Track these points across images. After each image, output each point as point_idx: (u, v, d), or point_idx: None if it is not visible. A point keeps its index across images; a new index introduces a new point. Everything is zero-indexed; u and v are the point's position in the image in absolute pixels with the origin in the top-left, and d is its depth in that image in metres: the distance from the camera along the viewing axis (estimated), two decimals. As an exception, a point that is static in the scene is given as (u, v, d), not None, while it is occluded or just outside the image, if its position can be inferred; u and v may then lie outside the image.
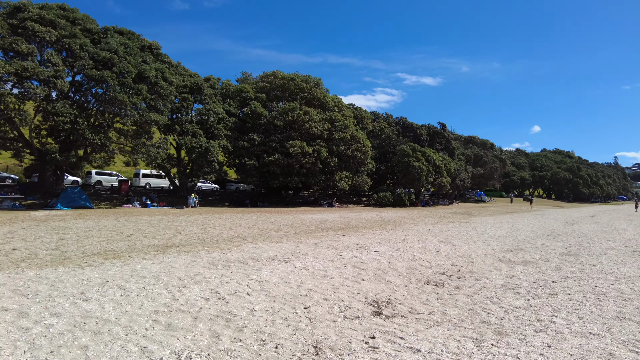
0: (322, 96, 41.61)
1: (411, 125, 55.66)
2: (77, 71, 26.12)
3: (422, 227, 18.88)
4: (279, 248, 11.27)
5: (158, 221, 17.82)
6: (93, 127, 26.15)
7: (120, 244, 11.39)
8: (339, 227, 17.86)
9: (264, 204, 38.43)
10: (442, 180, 46.81)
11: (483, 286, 7.79)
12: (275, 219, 21.18)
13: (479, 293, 7.29)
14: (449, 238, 14.69)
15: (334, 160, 38.29)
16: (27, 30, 24.85)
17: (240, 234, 14.13)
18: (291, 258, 9.58)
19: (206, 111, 35.25)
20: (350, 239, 13.46)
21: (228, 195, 43.50)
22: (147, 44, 32.66)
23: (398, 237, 14.36)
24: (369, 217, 25.19)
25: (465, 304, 6.59)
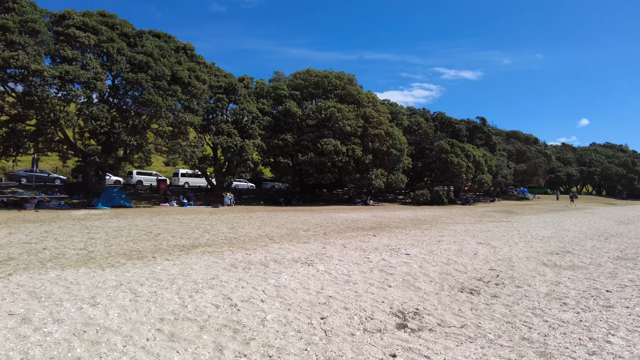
0: (356, 92, 40.86)
1: (449, 120, 53.80)
2: (115, 74, 26.80)
3: (459, 227, 17.86)
4: (304, 249, 10.79)
5: (189, 220, 17.83)
6: (130, 129, 26.73)
7: (146, 243, 11.30)
8: (370, 226, 17.18)
9: (297, 202, 38.21)
10: (482, 177, 44.90)
11: (524, 295, 6.96)
12: (306, 217, 20.77)
13: (520, 303, 6.48)
14: (488, 239, 13.70)
15: (369, 157, 37.49)
16: (69, 37, 25.72)
17: (268, 234, 13.78)
18: (315, 261, 9.07)
19: (240, 111, 35.42)
20: (380, 240, 12.79)
21: (263, 193, 43.65)
22: (182, 45, 33.15)
23: (432, 238, 13.53)
24: (403, 216, 24.30)
25: (503, 316, 5.83)
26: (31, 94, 23.02)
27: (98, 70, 25.27)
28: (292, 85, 41.21)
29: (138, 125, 26.85)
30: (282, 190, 49.64)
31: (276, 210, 28.25)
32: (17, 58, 22.38)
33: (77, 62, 24.97)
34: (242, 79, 39.63)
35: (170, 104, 27.35)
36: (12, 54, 22.38)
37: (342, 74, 42.04)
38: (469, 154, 44.18)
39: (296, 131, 37.85)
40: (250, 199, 40.19)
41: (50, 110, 23.72)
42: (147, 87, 26.29)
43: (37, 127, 24.47)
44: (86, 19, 27.72)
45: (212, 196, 36.91)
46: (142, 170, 43.91)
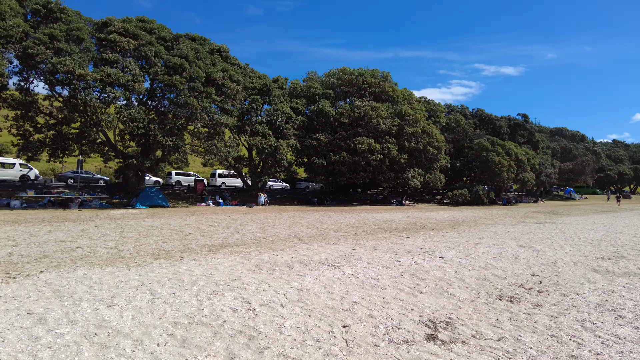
0: (391, 90, 40.03)
1: (489, 117, 51.79)
2: (152, 77, 27.44)
3: (499, 229, 16.90)
4: (332, 250, 10.41)
5: (222, 220, 17.87)
6: (166, 130, 27.29)
7: (176, 243, 11.28)
8: (404, 227, 16.56)
9: (331, 202, 37.88)
10: (524, 176, 42.85)
11: (572, 304, 6.26)
12: (337, 217, 20.37)
13: (566, 314, 5.81)
14: (531, 242, 12.79)
15: (404, 156, 36.60)
16: (110, 42, 26.59)
17: (298, 234, 13.50)
18: (342, 263, 8.66)
19: (274, 111, 35.51)
20: (414, 242, 12.21)
21: (297, 193, 43.63)
22: (216, 47, 33.60)
23: (470, 241, 12.78)
24: (440, 216, 23.41)
25: (547, 328, 5.20)
26: (75, 98, 23.91)
27: (136, 72, 25.95)
28: (325, 84, 40.92)
29: (174, 127, 27.35)
30: (315, 190, 49.50)
31: (308, 210, 28.02)
32: (64, 63, 23.31)
33: (117, 64, 25.76)
34: (276, 79, 39.74)
35: (205, 105, 27.69)
36: (59, 60, 23.34)
37: (377, 72, 41.32)
38: (510, 152, 42.29)
39: (329, 130, 37.53)
40: (284, 198, 40.25)
41: (92, 112, 24.57)
42: (182, 89, 26.76)
43: (80, 130, 25.42)
44: (126, 25, 28.57)
45: (247, 196, 37.24)
46: (180, 171, 45.07)
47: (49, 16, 27.00)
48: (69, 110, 24.78)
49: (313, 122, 38.16)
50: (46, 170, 41.40)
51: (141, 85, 26.07)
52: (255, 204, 34.17)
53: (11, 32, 23.61)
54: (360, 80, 39.49)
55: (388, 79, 42.00)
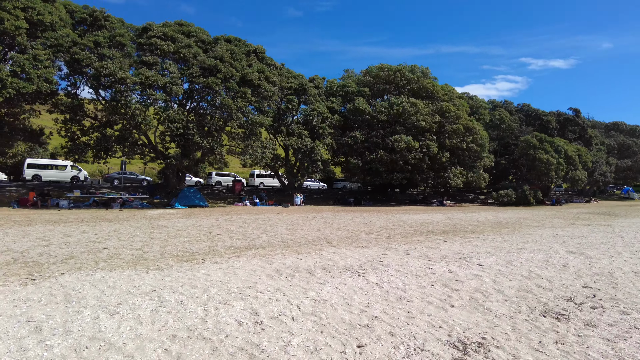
0: (431, 86, 38.59)
1: (536, 112, 48.93)
2: (189, 79, 27.81)
3: (547, 232, 15.56)
4: (360, 255, 9.78)
5: (254, 220, 17.63)
6: (203, 131, 27.57)
7: (202, 244, 11.05)
8: (442, 230, 15.60)
9: (368, 202, 37.05)
10: (575, 174, 40.05)
11: (634, 325, 5.31)
12: (372, 219, 19.63)
13: (628, 337, 4.89)
14: (582, 247, 11.54)
15: (445, 155, 35.17)
16: (151, 46, 27.22)
17: (327, 236, 12.95)
18: (368, 270, 8.01)
19: (310, 111, 35.19)
20: (451, 247, 11.32)
21: (334, 193, 43.07)
22: (252, 48, 33.68)
23: (513, 245, 11.71)
24: (483, 218, 22.10)
25: (604, 355, 4.36)
26: (116, 100, 24.59)
27: (174, 75, 26.38)
28: (362, 82, 40.09)
29: (211, 128, 27.58)
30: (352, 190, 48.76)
31: (344, 210, 27.40)
32: (106, 67, 24.04)
33: (156, 67, 26.31)
34: (313, 79, 39.39)
35: (241, 106, 27.73)
36: (102, 64, 24.10)
37: (415, 67, 40.02)
38: (560, 149, 39.65)
39: (366, 128, 36.71)
40: (320, 198, 39.84)
41: (132, 114, 25.19)
42: (217, 89, 26.93)
43: (121, 132, 26.16)
44: (165, 29, 29.17)
45: (284, 196, 37.14)
46: (220, 172, 45.74)
47: (94, 24, 28.03)
48: (110, 113, 25.54)
49: (349, 121, 37.47)
50: (94, 172, 43.27)
51: (179, 87, 26.45)
52: (291, 204, 33.99)
53: (61, 41, 24.66)
54: (398, 76, 38.37)
55: (427, 74, 40.57)
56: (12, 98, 23.86)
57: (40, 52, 23.52)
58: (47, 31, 25.14)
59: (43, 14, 24.83)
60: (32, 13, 24.22)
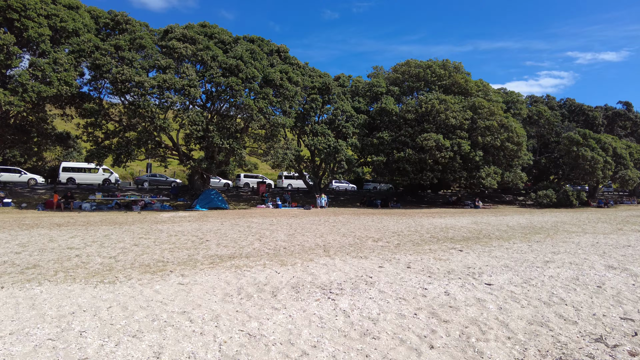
0: (464, 81, 36.18)
1: (581, 107, 45.03)
2: (208, 80, 27.21)
3: (585, 239, 13.41)
4: (352, 268, 8.35)
5: (260, 224, 16.49)
6: (223, 133, 26.88)
7: (183, 253, 10.00)
8: (463, 237, 13.80)
9: (395, 204, 35.17)
10: (625, 173, 36.26)
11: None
12: (389, 222, 17.99)
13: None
14: (627, 260, 9.51)
15: (478, 153, 32.74)
16: (169, 49, 26.89)
17: (327, 244, 11.57)
18: (345, 290, 6.57)
19: (335, 110, 33.85)
20: (464, 258, 9.63)
21: (362, 195, 41.44)
22: (275, 48, 32.77)
23: (540, 257, 9.84)
24: (515, 222, 19.91)
25: None
26: (135, 104, 24.32)
27: (192, 77, 25.84)
28: (390, 80, 38.25)
29: (231, 128, 26.84)
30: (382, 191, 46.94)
31: (366, 213, 25.81)
32: (123, 72, 23.82)
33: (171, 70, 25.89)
34: (338, 77, 38.04)
35: (262, 106, 26.82)
36: (118, 69, 23.92)
37: (447, 62, 37.68)
38: (607, 147, 36.01)
39: (394, 128, 34.90)
40: (347, 200, 38.37)
41: (150, 117, 24.84)
42: (238, 90, 26.16)
43: (140, 135, 25.91)
44: (185, 31, 28.78)
45: (310, 197, 36.01)
46: (249, 174, 45.21)
47: (116, 28, 28.08)
48: (129, 117, 25.32)
49: (376, 122, 35.80)
50: (126, 175, 43.95)
51: (197, 89, 25.86)
52: (315, 205, 32.78)
53: (83, 46, 24.74)
54: (428, 72, 36.25)
55: (460, 69, 38.12)
56: (35, 102, 24.18)
57: (61, 55, 23.67)
58: (71, 37, 25.36)
59: (66, 20, 25.01)
60: (55, 20, 24.43)
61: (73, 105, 26.63)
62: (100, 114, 25.73)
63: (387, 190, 46.73)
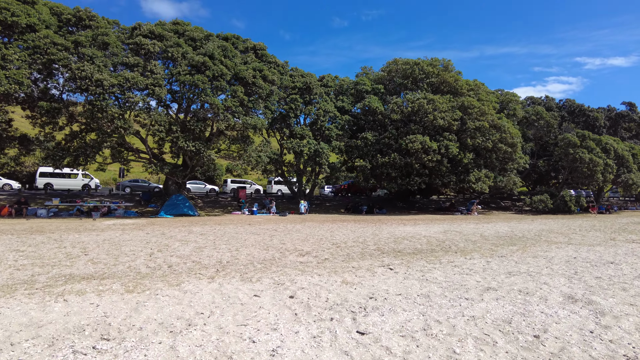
0: (453, 80, 33.73)
1: (581, 108, 42.09)
2: (176, 78, 25.24)
3: (563, 253, 10.89)
4: (210, 298, 6.07)
5: (197, 233, 14.26)
6: (188, 134, 24.84)
7: (54, 270, 7.80)
8: (415, 250, 11.36)
9: (380, 210, 32.72)
10: (629, 177, 33.30)
11: None
12: (348, 231, 15.56)
13: None
14: (598, 287, 6.89)
15: (468, 156, 30.18)
16: (135, 45, 25.04)
17: (232, 260, 9.26)
18: (125, 342, 4.32)
19: (316, 111, 31.62)
20: (383, 281, 7.21)
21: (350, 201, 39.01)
22: (251, 45, 30.76)
23: (484, 281, 7.37)
24: (494, 230, 17.36)
25: None
26: (93, 103, 22.41)
27: (157, 75, 23.88)
28: (377, 79, 35.97)
29: (195, 130, 24.76)
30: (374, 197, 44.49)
31: (341, 220, 23.49)
32: (83, 69, 21.99)
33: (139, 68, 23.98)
34: (322, 77, 35.89)
35: (230, 105, 24.74)
36: (78, 65, 22.10)
37: (436, 60, 35.27)
38: (608, 149, 33.12)
39: (379, 129, 32.57)
40: (332, 206, 36.00)
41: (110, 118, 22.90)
42: (203, 88, 24.15)
43: (99, 136, 23.98)
44: (153, 28, 26.95)
45: (293, 203, 33.76)
46: (236, 179, 43.21)
47: (78, 24, 26.31)
48: (88, 117, 23.38)
49: (360, 122, 33.51)
50: (108, 180, 42.18)
51: (162, 89, 23.88)
52: (296, 211, 30.54)
53: (38, 42, 22.98)
54: (415, 70, 33.89)
55: (449, 67, 35.70)
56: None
57: (9, 52, 21.91)
58: (25, 34, 23.62)
59: (19, 15, 23.25)
60: (5, 14, 22.69)
61: (30, 105, 24.80)
62: (57, 113, 23.89)
63: (383, 195, 44.23)
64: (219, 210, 30.60)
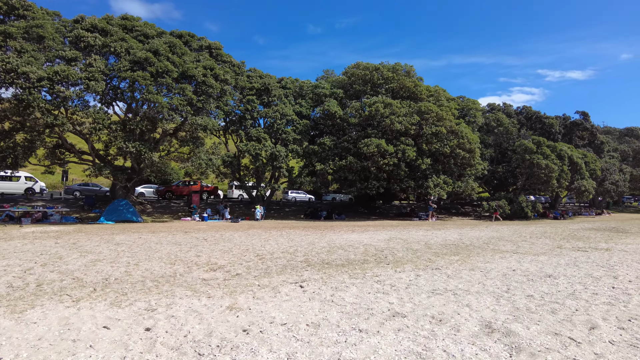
0: (412, 85, 33.13)
1: (537, 115, 42.48)
2: (117, 74, 23.35)
3: (504, 264, 9.90)
4: (67, 321, 4.68)
5: (134, 242, 12.58)
6: (130, 134, 22.99)
7: None
8: (346, 261, 10.12)
9: (340, 216, 31.62)
10: (582, 183, 33.52)
11: None
12: (285, 240, 14.22)
13: None
14: (524, 310, 5.84)
15: (426, 161, 29.49)
16: (75, 38, 23.08)
17: (119, 278, 7.81)
18: None
19: (273, 113, 30.26)
20: (262, 306, 6.01)
21: (311, 206, 37.79)
22: (206, 44, 29.12)
23: (401, 302, 6.26)
24: (442, 238, 16.45)
25: None
26: (19, 98, 20.27)
27: (93, 69, 21.96)
28: (338, 83, 35.00)
29: (136, 130, 22.94)
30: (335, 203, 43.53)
31: (292, 226, 22.17)
32: (7, 61, 19.87)
33: (76, 62, 22.01)
34: (281, 79, 34.61)
35: (175, 104, 23.08)
36: (2, 57, 19.97)
37: (398, 66, 34.62)
38: (563, 155, 33.25)
39: (337, 133, 31.55)
40: (291, 212, 34.67)
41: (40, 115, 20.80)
42: (144, 84, 22.40)
43: (29, 135, 21.83)
44: (97, 21, 25.02)
45: (251, 208, 32.20)
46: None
47: (10, 13, 24.04)
48: (13, 114, 21.20)
49: (319, 125, 32.41)
50: (56, 183, 39.36)
51: (99, 83, 21.95)
52: (252, 217, 29.03)
53: (-42, 32, 20.71)
54: (375, 75, 33.14)
55: (411, 73, 35.14)
56: None
57: None
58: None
59: None
60: None
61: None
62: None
63: (349, 201, 43.18)
64: (169, 216, 28.70)
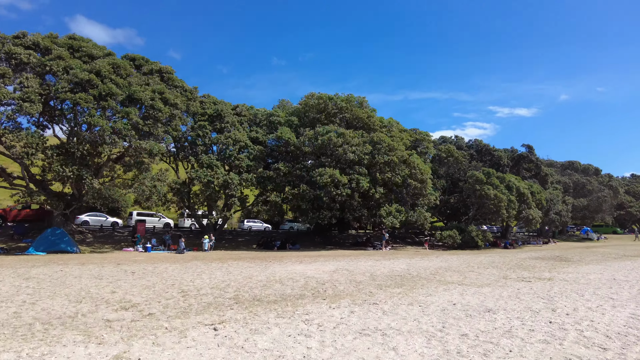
0: (365, 116, 33.56)
1: (487, 147, 44.21)
2: (55, 95, 21.91)
3: (446, 297, 9.49)
4: None
5: (52, 275, 11.12)
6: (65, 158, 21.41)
7: None
8: (279, 297, 9.33)
9: (294, 245, 30.71)
10: (529, 213, 34.67)
11: None
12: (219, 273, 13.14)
13: None
14: (454, 353, 5.50)
15: (379, 190, 29.46)
16: (6, 54, 21.60)
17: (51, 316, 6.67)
18: None
19: (225, 139, 29.40)
20: (171, 356, 5.20)
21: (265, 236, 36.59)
22: (157, 67, 28.18)
23: (323, 350, 5.65)
24: (389, 268, 15.99)
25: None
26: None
27: (28, 90, 20.49)
28: (290, 111, 34.88)
29: (75, 153, 21.40)
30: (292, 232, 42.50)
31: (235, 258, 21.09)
32: None
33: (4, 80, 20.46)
34: (236, 106, 34.03)
35: (119, 127, 21.84)
36: None
37: (351, 97, 35.08)
38: (511, 186, 34.43)
39: (292, 161, 31.07)
40: (244, 242, 33.35)
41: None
42: (86, 107, 21.12)
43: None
44: (39, 39, 23.68)
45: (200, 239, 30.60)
46: (144, 212, 38.70)
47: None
48: None
49: (274, 153, 31.87)
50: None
51: (34, 105, 20.45)
52: (200, 248, 27.53)
53: None
54: (329, 105, 33.32)
55: (364, 104, 35.66)
56: None
57: None
58: None
59: None
60: None
61: None
62: None
63: (307, 230, 42.23)
64: (110, 246, 26.71)
